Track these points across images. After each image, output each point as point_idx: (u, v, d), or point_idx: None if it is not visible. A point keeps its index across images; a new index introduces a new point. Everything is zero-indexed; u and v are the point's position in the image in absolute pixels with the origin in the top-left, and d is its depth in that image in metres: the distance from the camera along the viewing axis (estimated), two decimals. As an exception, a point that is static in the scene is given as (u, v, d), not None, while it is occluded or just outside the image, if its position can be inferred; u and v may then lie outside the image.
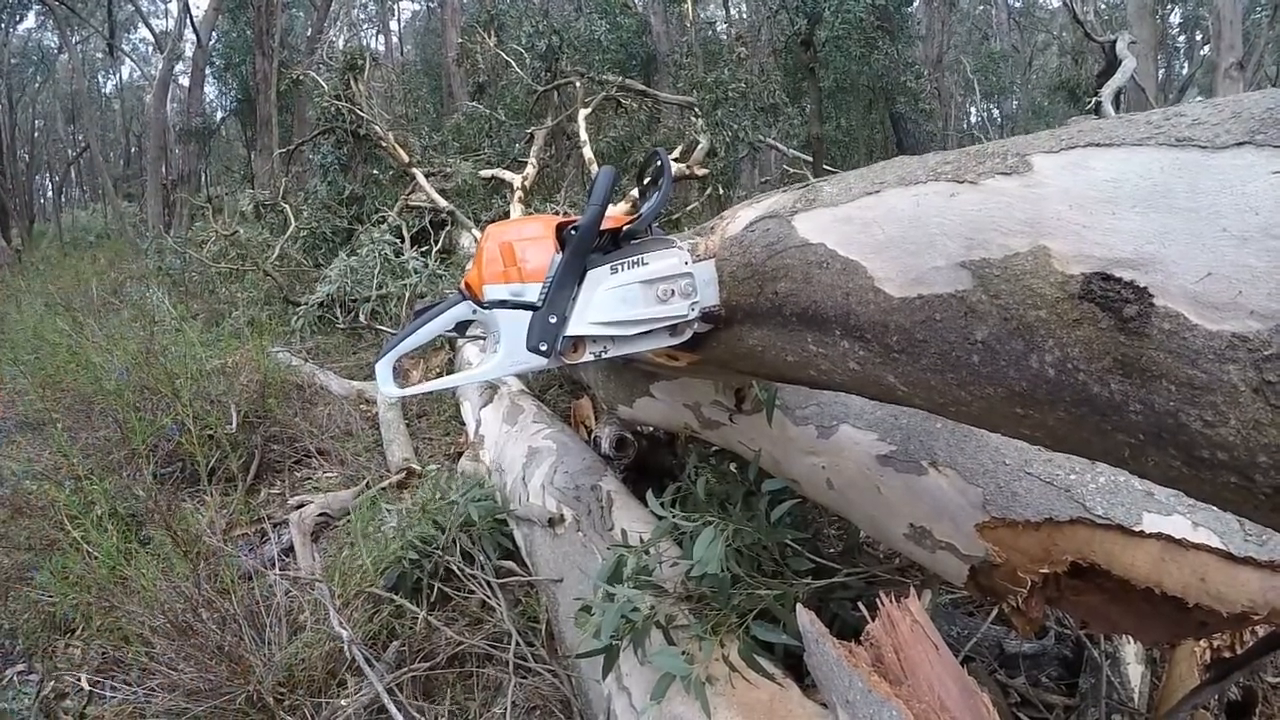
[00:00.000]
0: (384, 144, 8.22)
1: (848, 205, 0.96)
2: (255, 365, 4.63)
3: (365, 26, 28.87)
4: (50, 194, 30.92)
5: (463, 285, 1.30)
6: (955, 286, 0.77)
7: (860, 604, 1.52)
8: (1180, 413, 0.60)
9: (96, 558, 2.69)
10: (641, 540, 1.81)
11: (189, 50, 19.27)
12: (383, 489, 3.45)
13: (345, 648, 2.22)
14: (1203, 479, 0.63)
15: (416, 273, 6.18)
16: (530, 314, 1.22)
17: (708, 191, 7.45)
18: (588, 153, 7.13)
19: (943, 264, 0.79)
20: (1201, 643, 1.63)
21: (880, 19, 9.35)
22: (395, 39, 29.85)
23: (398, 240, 6.98)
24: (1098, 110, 6.53)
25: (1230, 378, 0.57)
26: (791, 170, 9.74)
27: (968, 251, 0.76)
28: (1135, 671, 1.89)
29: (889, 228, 0.87)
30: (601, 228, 1.24)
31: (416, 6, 31.50)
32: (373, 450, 4.14)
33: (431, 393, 1.92)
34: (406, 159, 8.10)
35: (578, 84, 8.48)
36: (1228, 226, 0.58)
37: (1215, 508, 1.14)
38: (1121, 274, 0.63)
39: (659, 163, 1.38)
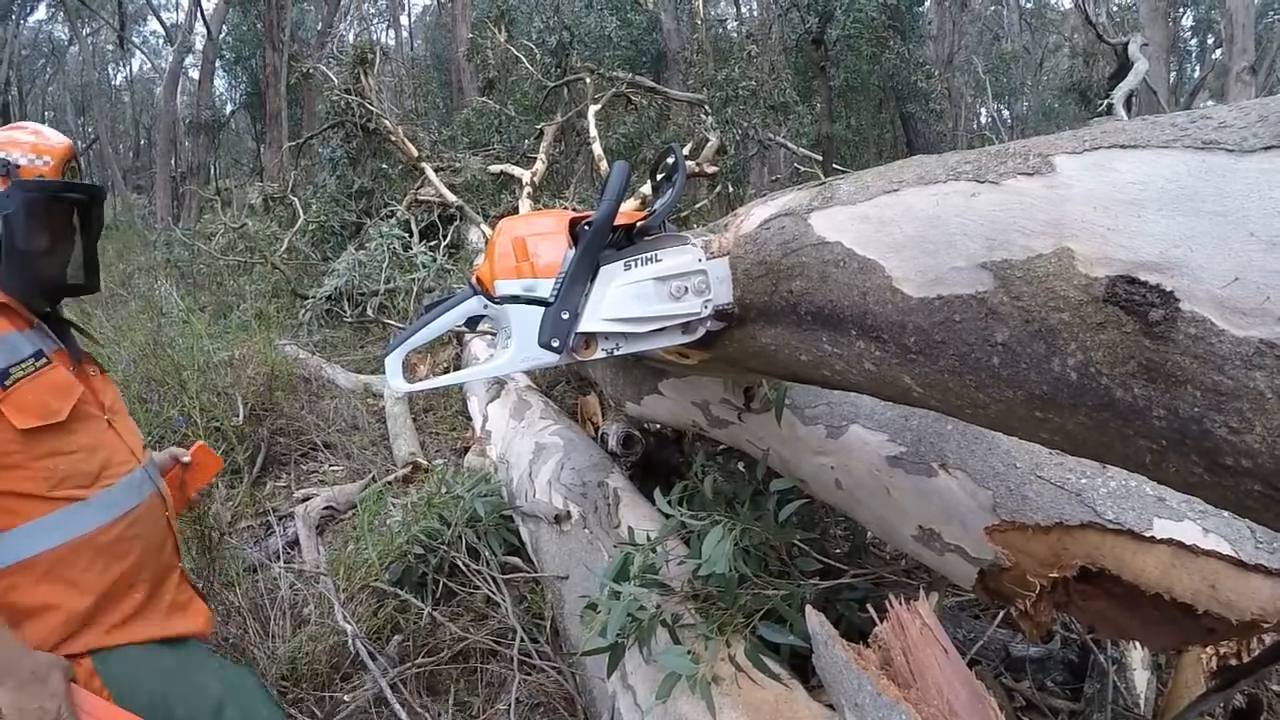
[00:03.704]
0: (393, 138, 8.22)
1: (865, 204, 0.96)
2: (262, 358, 4.64)
3: (375, 21, 28.91)
4: (59, 184, 30.98)
5: (474, 280, 1.29)
6: (976, 287, 0.76)
7: (868, 605, 1.52)
8: (1205, 419, 0.60)
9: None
10: (648, 538, 1.81)
11: (199, 43, 19.32)
12: (389, 483, 3.46)
13: (349, 642, 2.23)
14: (1225, 486, 0.63)
15: (425, 267, 6.18)
16: (542, 310, 1.21)
17: (717, 189, 7.44)
18: (597, 149, 7.12)
19: (963, 264, 0.78)
20: (1208, 649, 1.62)
21: (891, 18, 9.32)
22: (405, 33, 29.85)
23: (406, 235, 6.98)
24: (1109, 113, 6.50)
25: (1257, 384, 0.56)
26: (802, 169, 9.72)
27: (989, 252, 0.75)
28: (1141, 677, 1.88)
29: (908, 227, 0.86)
30: (615, 224, 1.23)
31: (427, 1, 31.54)
32: (379, 444, 4.15)
33: (439, 388, 1.91)
34: (415, 153, 8.10)
35: (588, 80, 8.47)
36: (1256, 231, 0.57)
37: (1227, 514, 1.13)
38: (1147, 277, 0.62)
39: (673, 159, 1.37)
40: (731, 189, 7.43)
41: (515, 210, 6.79)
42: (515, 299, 1.22)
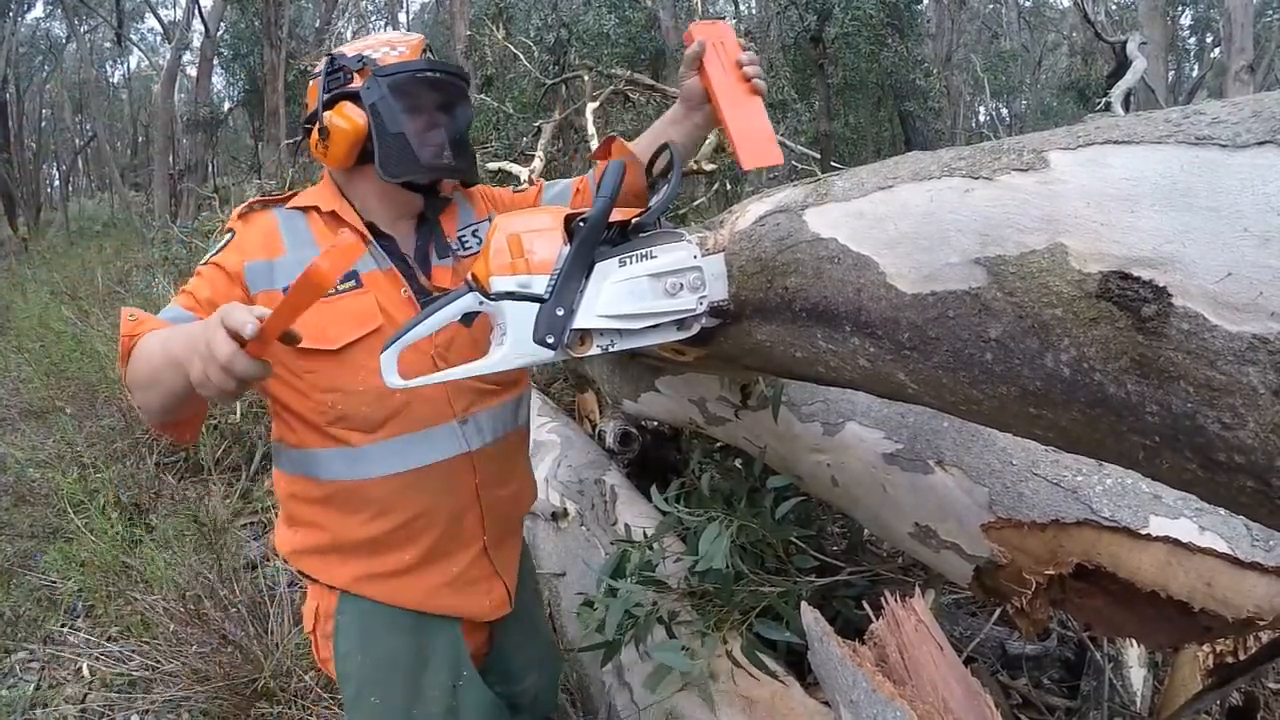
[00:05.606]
0: (391, 136, 8.19)
1: (860, 200, 0.96)
2: (260, 355, 4.63)
3: (373, 18, 28.86)
4: (57, 183, 31.03)
5: (469, 276, 1.29)
6: (969, 283, 0.76)
7: (864, 603, 1.52)
8: (1198, 414, 0.60)
9: (101, 544, 2.70)
10: (645, 535, 1.81)
11: (197, 40, 19.24)
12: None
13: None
14: (1218, 482, 0.62)
15: (422, 265, 6.16)
16: (537, 306, 1.21)
17: (715, 187, 7.43)
18: (595, 146, 7.11)
19: (957, 260, 0.78)
20: (1204, 647, 1.62)
21: (890, 16, 9.31)
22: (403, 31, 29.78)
23: (403, 232, 6.97)
24: (1107, 111, 6.50)
25: (1250, 379, 0.56)
26: (800, 167, 9.72)
27: (982, 248, 0.75)
28: (1138, 675, 1.88)
29: (902, 223, 0.86)
30: (610, 220, 1.23)
31: (425, -2, 31.48)
32: (376, 442, 4.13)
33: (435, 385, 1.91)
34: (413, 151, 8.07)
35: (586, 77, 8.43)
36: (1249, 226, 0.57)
37: (1223, 511, 1.13)
38: (1140, 273, 0.62)
39: (669, 156, 1.36)
40: (730, 186, 7.41)
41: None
42: (510, 295, 1.21)
